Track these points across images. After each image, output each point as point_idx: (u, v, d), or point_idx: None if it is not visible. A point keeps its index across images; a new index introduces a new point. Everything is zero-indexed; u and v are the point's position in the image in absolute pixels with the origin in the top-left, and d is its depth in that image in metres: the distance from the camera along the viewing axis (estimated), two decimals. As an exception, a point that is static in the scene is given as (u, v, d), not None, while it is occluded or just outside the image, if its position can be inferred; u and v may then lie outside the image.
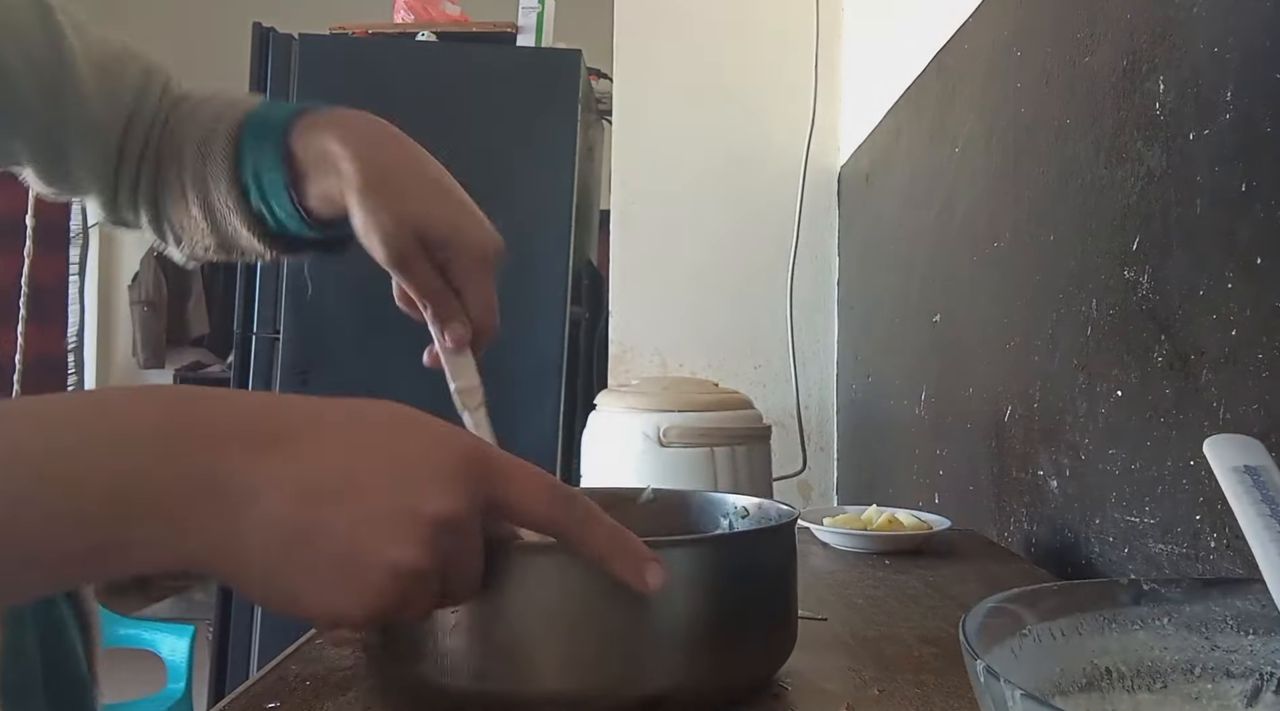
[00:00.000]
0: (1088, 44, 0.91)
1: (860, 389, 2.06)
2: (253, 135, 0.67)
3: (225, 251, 0.73)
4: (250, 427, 0.38)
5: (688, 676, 0.49)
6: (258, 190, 0.67)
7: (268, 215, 0.68)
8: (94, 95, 0.69)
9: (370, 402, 0.42)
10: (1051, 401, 0.97)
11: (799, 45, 2.29)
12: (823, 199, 2.30)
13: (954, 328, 1.35)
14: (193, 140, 0.70)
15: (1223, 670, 0.40)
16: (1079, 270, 0.91)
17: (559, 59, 2.21)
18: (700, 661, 0.50)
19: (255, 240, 0.70)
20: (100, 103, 0.70)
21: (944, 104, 1.43)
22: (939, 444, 1.40)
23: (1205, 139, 0.70)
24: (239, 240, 0.71)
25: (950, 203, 1.37)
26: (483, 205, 0.69)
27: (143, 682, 2.39)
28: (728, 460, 1.29)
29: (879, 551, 0.97)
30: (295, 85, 2.14)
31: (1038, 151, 1.03)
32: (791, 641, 0.57)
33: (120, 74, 0.71)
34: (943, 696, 0.55)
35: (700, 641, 0.50)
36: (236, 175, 0.68)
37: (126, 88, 0.71)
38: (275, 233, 0.70)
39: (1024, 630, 0.39)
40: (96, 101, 0.70)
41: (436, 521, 0.39)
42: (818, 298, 2.30)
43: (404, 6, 2.30)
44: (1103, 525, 0.85)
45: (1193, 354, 0.71)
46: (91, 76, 0.69)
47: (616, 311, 2.29)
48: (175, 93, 0.75)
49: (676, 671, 0.49)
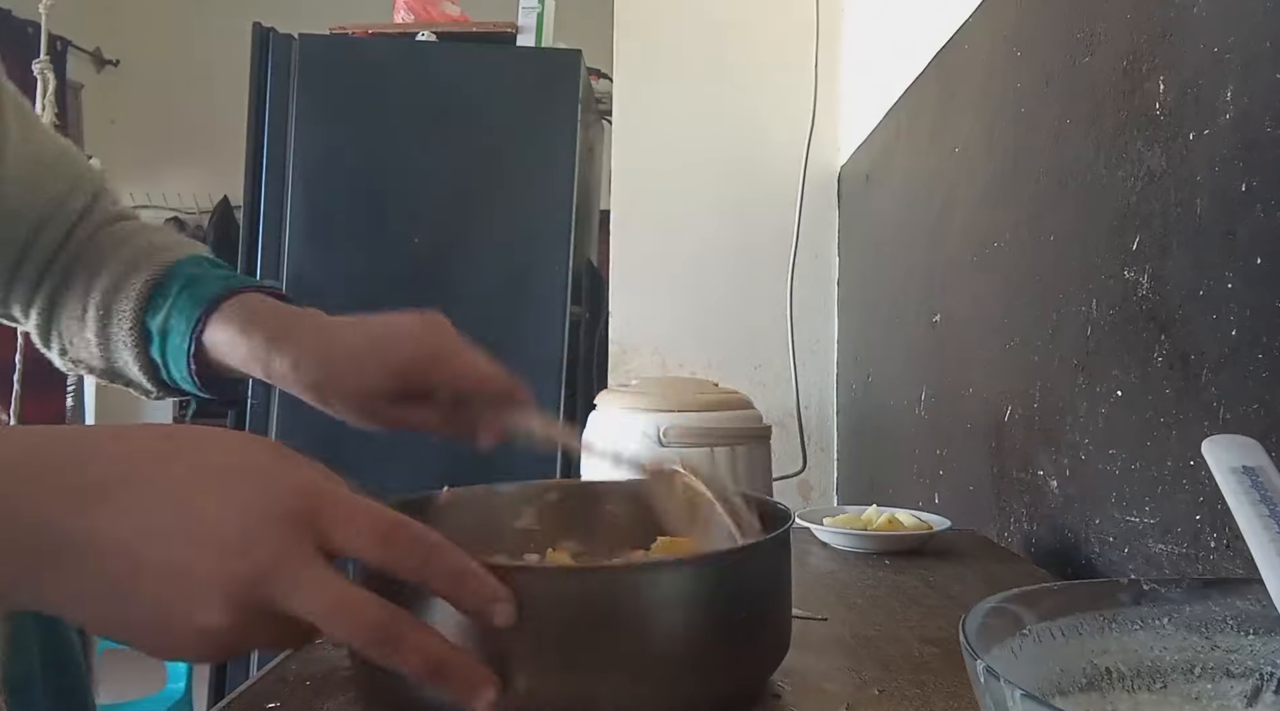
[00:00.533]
0: (1088, 44, 0.91)
1: (860, 389, 2.06)
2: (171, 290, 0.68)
3: (108, 377, 0.73)
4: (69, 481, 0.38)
5: (677, 689, 0.49)
6: (159, 344, 0.68)
7: (162, 367, 0.69)
8: (15, 186, 0.69)
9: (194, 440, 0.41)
10: (1051, 401, 0.97)
11: (799, 45, 2.29)
12: (823, 199, 2.30)
13: (954, 328, 1.35)
14: (110, 269, 0.70)
15: (1223, 670, 0.40)
16: (1079, 270, 0.91)
17: (559, 59, 2.21)
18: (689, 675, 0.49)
19: (145, 379, 0.71)
20: (19, 196, 0.70)
21: (944, 104, 1.42)
22: (939, 444, 1.40)
23: (1205, 139, 0.70)
24: (127, 373, 0.71)
25: (950, 203, 1.37)
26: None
27: (143, 682, 2.40)
28: (728, 460, 1.29)
29: (879, 551, 0.97)
30: (295, 85, 2.14)
31: (1038, 151, 1.03)
32: (783, 649, 0.56)
33: (48, 175, 0.72)
34: (943, 696, 0.55)
35: (689, 656, 0.49)
36: (142, 318, 0.68)
37: (50, 190, 0.71)
38: (165, 381, 0.71)
39: (1024, 630, 0.39)
40: (14, 194, 0.69)
41: (244, 583, 0.38)
42: (818, 298, 2.30)
43: (404, 6, 2.30)
44: (1103, 525, 0.85)
45: (1193, 354, 0.71)
46: (18, 168, 0.69)
47: (616, 311, 2.29)
48: (107, 209, 0.75)
49: (666, 684, 0.48)
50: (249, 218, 2.16)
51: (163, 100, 4.32)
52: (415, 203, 2.14)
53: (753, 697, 0.54)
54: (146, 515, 0.38)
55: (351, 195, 2.13)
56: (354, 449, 2.07)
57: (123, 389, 0.74)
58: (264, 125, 2.15)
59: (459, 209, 2.12)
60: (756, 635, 0.53)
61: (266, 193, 2.14)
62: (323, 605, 0.39)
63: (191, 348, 0.66)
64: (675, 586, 0.49)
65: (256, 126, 2.16)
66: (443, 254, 2.11)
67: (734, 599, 0.51)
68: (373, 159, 2.16)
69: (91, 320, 0.70)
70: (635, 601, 0.48)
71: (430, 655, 0.41)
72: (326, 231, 2.12)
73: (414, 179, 2.15)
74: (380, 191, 2.14)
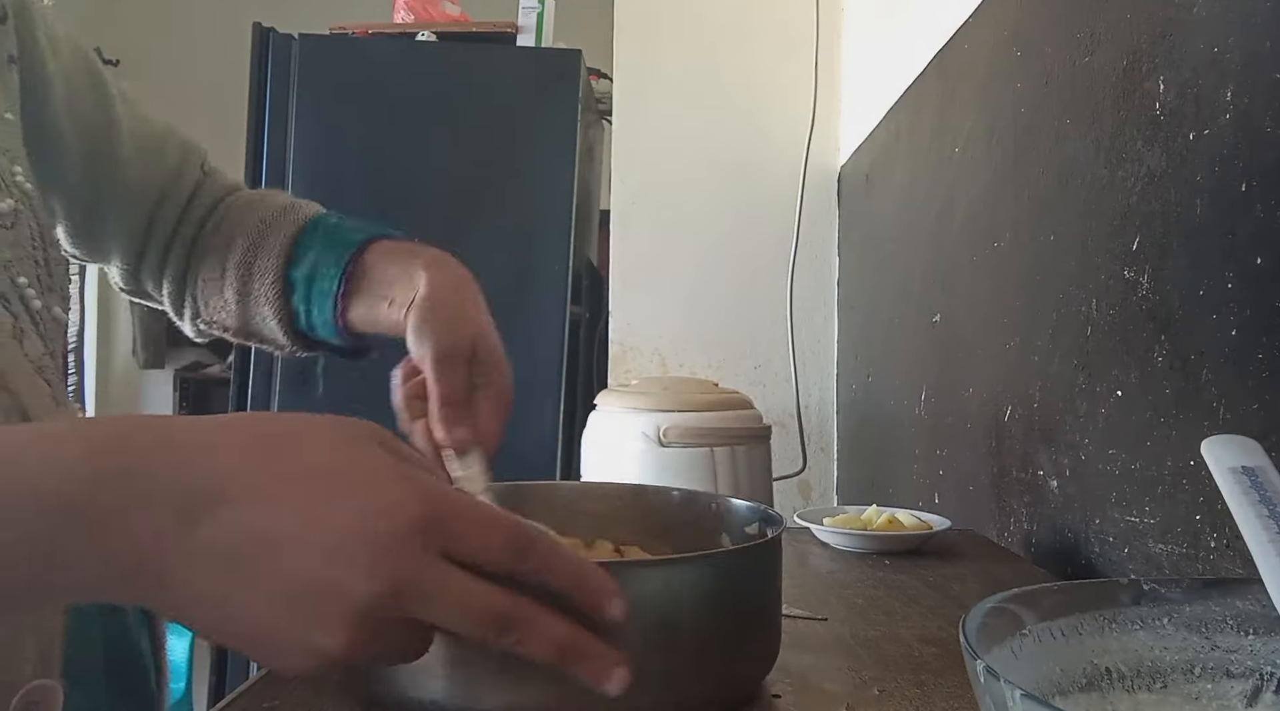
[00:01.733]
0: (1088, 44, 0.91)
1: (860, 389, 2.06)
2: (321, 241, 0.72)
3: (242, 335, 0.76)
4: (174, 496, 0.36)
5: (669, 691, 0.49)
6: (304, 291, 0.71)
7: (302, 315, 0.72)
8: (133, 167, 0.73)
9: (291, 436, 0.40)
10: (1051, 401, 0.97)
11: (799, 45, 2.29)
12: (823, 199, 2.30)
13: (954, 328, 1.35)
14: (247, 229, 0.73)
15: (1223, 670, 0.40)
16: (1079, 270, 0.91)
17: (559, 59, 2.21)
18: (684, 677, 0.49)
19: (280, 333, 0.73)
20: (138, 175, 0.73)
21: (944, 104, 1.42)
22: (939, 444, 1.40)
23: (1205, 139, 0.70)
24: (262, 329, 0.74)
25: (950, 203, 1.37)
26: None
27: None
28: (728, 460, 1.28)
29: (879, 551, 0.97)
30: (295, 85, 2.14)
31: (1038, 151, 1.03)
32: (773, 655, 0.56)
33: (159, 151, 0.75)
34: (943, 696, 0.55)
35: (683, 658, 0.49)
36: (285, 271, 0.71)
37: (164, 165, 0.75)
38: (302, 331, 0.73)
39: (1024, 630, 0.39)
40: (134, 174, 0.73)
41: (370, 605, 0.37)
42: (818, 298, 2.30)
43: (404, 6, 2.30)
44: (1103, 525, 0.85)
45: (1193, 354, 0.71)
46: (133, 149, 0.72)
47: (616, 311, 2.29)
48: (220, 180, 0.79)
49: (658, 686, 0.48)
50: (249, 218, 2.16)
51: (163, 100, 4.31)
52: (415, 202, 2.14)
53: (751, 698, 0.54)
54: (259, 523, 0.37)
55: (351, 195, 2.13)
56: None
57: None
58: (264, 125, 2.15)
59: (459, 209, 2.12)
60: (745, 639, 0.53)
61: (266, 193, 2.14)
62: (452, 607, 0.38)
63: (340, 288, 0.69)
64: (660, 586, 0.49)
65: (256, 126, 2.16)
66: (443, 254, 2.11)
67: (721, 601, 0.51)
68: (373, 159, 2.16)
69: (232, 280, 0.73)
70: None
71: (561, 639, 0.41)
72: (326, 231, 2.12)
73: (414, 179, 2.14)
74: (380, 191, 2.14)
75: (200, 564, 0.36)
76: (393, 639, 0.39)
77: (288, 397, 2.09)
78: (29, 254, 0.58)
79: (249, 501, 0.37)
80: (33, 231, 0.58)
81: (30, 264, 0.58)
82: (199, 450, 0.38)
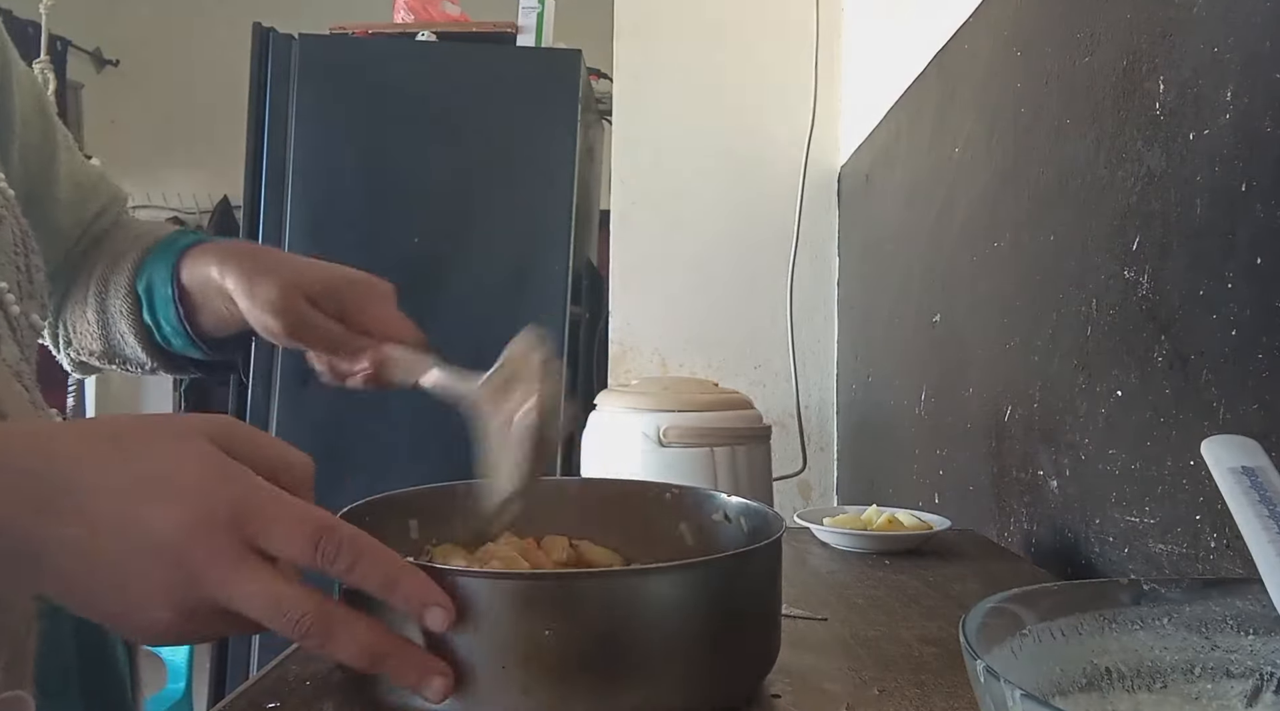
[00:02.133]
0: (1088, 44, 0.91)
1: (860, 389, 2.06)
2: (154, 253, 0.74)
3: (109, 359, 0.78)
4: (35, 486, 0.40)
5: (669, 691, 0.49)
6: (149, 301, 0.73)
7: (153, 329, 0.74)
8: (64, 209, 0.76)
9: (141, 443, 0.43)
10: (1051, 401, 0.97)
11: (799, 45, 2.29)
12: (823, 199, 2.30)
13: (954, 328, 1.35)
14: (107, 252, 0.76)
15: (1223, 670, 0.40)
16: (1079, 270, 0.91)
17: (559, 59, 2.21)
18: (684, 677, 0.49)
19: (140, 349, 0.76)
20: (66, 217, 0.76)
21: (944, 104, 1.42)
22: (939, 444, 1.40)
23: (1205, 139, 0.70)
24: (124, 348, 0.76)
25: (950, 203, 1.37)
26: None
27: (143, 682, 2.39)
28: (728, 460, 1.29)
29: (879, 551, 0.97)
30: (295, 85, 2.14)
31: (1038, 151, 1.03)
32: (773, 656, 0.56)
33: (90, 195, 0.78)
34: (943, 696, 0.55)
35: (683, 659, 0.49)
36: (133, 286, 0.74)
37: (88, 211, 0.78)
38: (160, 345, 0.75)
39: (1024, 630, 0.39)
40: (64, 215, 0.76)
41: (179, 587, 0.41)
42: (818, 298, 2.30)
43: (404, 6, 2.30)
44: (1103, 525, 0.85)
45: (1193, 354, 0.71)
46: (68, 192, 0.75)
47: (616, 311, 2.29)
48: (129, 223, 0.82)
49: (658, 687, 0.48)
50: (249, 217, 2.16)
51: (163, 100, 4.31)
52: (415, 202, 2.14)
53: (751, 698, 0.54)
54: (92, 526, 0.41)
55: (351, 195, 2.13)
56: (352, 438, 2.07)
57: (129, 380, 0.78)
58: (264, 125, 2.15)
59: (459, 209, 2.12)
60: (745, 639, 0.53)
61: (266, 193, 2.14)
62: (254, 600, 0.42)
63: (175, 292, 0.71)
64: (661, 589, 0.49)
65: (256, 126, 2.16)
66: (443, 254, 2.11)
67: (721, 603, 0.51)
68: (373, 159, 2.15)
69: (92, 300, 0.75)
70: (582, 606, 0.48)
71: (366, 645, 0.43)
72: (326, 231, 2.12)
73: (414, 179, 2.14)
74: (380, 191, 2.14)
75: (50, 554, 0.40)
76: (222, 620, 0.43)
77: (287, 397, 2.10)
78: (10, 259, 0.58)
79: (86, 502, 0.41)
80: (15, 236, 0.59)
81: (11, 269, 0.58)
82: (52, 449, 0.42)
